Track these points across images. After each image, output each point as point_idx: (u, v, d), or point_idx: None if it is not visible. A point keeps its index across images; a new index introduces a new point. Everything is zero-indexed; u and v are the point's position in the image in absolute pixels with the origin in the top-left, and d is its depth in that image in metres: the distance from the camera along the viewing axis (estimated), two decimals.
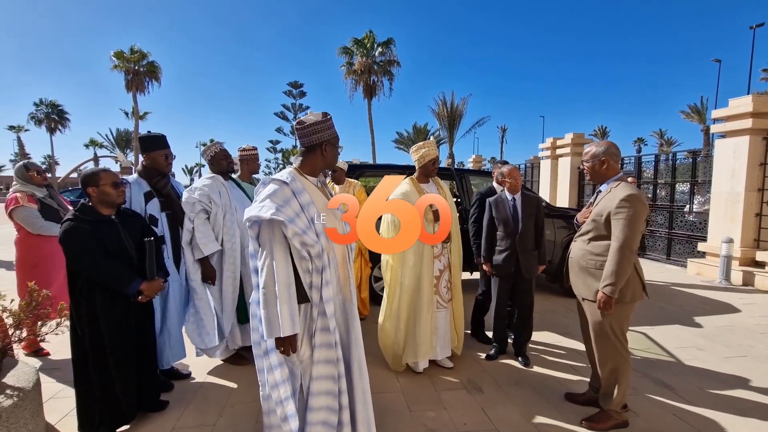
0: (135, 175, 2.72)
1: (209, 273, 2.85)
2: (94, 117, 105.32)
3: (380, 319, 3.06)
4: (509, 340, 3.46)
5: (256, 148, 3.40)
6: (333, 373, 1.76)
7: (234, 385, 2.81)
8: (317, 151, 1.81)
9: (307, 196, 1.74)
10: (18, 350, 2.58)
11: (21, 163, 3.33)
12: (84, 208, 2.18)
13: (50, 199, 3.29)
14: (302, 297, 1.72)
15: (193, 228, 2.79)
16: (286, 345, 1.65)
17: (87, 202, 2.20)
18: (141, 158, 2.79)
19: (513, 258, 3.16)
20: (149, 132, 2.75)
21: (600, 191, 2.37)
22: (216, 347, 2.97)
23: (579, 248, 2.40)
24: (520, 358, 3.24)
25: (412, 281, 2.92)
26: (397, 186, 2.94)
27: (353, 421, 1.86)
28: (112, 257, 2.14)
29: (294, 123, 1.85)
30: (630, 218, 2.09)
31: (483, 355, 3.35)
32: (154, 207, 2.68)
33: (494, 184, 3.85)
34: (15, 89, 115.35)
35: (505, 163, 3.91)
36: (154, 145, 2.71)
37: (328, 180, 4.48)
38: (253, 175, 3.40)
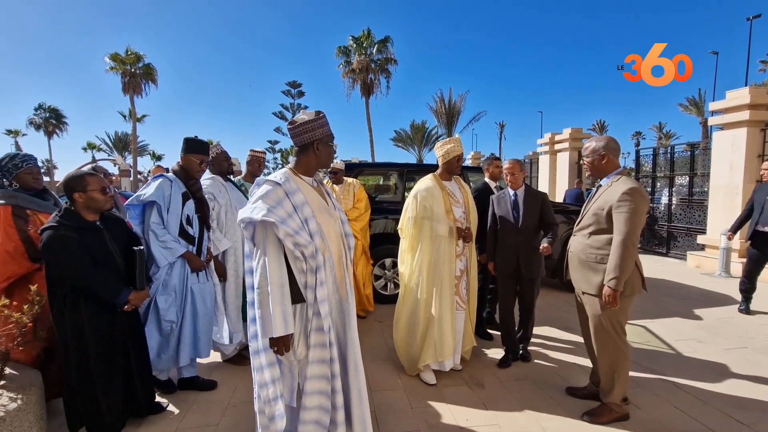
0: (171, 174, 2.64)
1: (219, 271, 2.88)
2: (92, 120, 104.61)
3: (394, 320, 3.03)
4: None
5: (264, 152, 3.55)
6: (326, 373, 1.77)
7: (236, 385, 2.82)
8: (310, 150, 1.80)
9: (300, 196, 1.74)
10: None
11: (90, 165, 3.35)
12: (68, 213, 2.05)
13: None
14: (297, 297, 1.72)
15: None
16: (280, 345, 1.66)
17: (70, 206, 2.08)
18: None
19: (514, 256, 3.06)
20: (196, 137, 2.72)
21: (601, 185, 2.38)
22: (228, 345, 3.01)
23: (579, 242, 2.41)
24: (520, 353, 3.24)
25: (430, 280, 2.83)
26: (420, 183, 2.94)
27: (349, 420, 1.87)
28: (99, 265, 2.06)
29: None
30: (632, 211, 2.10)
31: (485, 351, 3.37)
32: (190, 208, 2.62)
33: (486, 179, 3.86)
34: (11, 92, 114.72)
35: (497, 158, 3.91)
36: (195, 149, 2.65)
37: (326, 180, 4.51)
38: (255, 177, 3.46)
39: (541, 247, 2.94)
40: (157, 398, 2.53)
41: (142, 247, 2.22)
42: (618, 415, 2.36)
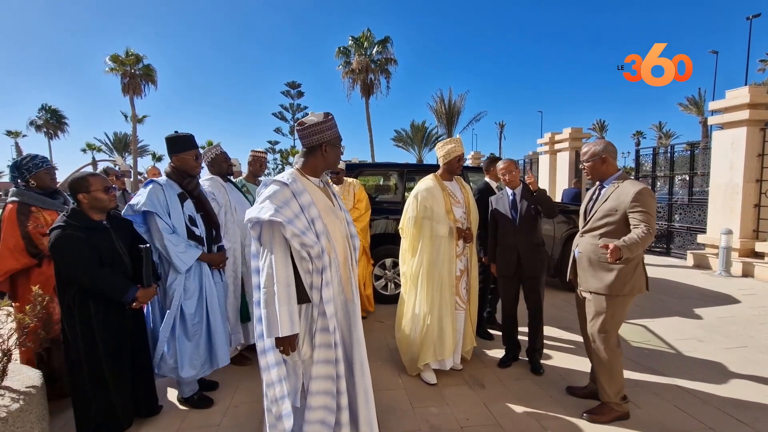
0: (164, 177, 2.57)
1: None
2: (91, 120, 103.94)
3: (396, 319, 3.03)
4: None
5: (266, 153, 3.56)
6: (331, 373, 1.78)
7: (237, 386, 2.83)
8: (318, 151, 1.81)
9: (307, 197, 1.75)
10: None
11: (102, 167, 3.38)
12: (75, 213, 2.09)
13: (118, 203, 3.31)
14: (303, 297, 1.73)
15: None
16: (286, 345, 1.67)
17: (76, 207, 2.12)
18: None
19: (514, 256, 3.02)
20: (176, 132, 2.59)
21: (604, 187, 2.41)
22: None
23: (588, 243, 2.41)
24: (532, 367, 3.04)
25: (430, 279, 2.83)
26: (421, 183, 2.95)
27: (355, 420, 1.87)
28: (106, 264, 2.09)
29: (294, 123, 1.85)
30: (647, 209, 2.20)
31: (485, 351, 3.37)
32: (190, 208, 2.55)
33: (486, 179, 3.87)
34: (10, 93, 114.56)
35: (495, 158, 3.92)
36: (184, 146, 2.54)
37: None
38: (258, 178, 3.47)
39: (527, 179, 2.99)
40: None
41: (147, 245, 2.24)
42: (618, 414, 2.37)
